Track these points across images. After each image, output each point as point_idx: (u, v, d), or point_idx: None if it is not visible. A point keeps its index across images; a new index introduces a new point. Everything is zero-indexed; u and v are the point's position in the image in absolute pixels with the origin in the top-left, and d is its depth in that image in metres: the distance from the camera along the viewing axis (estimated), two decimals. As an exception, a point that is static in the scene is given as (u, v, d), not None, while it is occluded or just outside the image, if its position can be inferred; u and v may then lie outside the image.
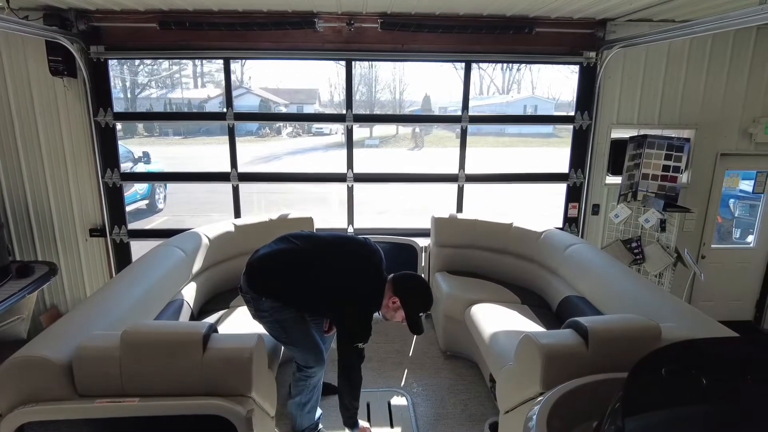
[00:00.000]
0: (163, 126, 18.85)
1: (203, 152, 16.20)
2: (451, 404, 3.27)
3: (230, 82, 4.63)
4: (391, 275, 2.66)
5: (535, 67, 26.07)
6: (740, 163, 5.07)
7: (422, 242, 4.53)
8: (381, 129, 20.36)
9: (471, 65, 4.68)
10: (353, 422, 2.71)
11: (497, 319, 3.26)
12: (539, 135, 21.39)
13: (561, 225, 5.04)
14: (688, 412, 1.28)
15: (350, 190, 4.82)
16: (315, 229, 4.19)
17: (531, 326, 3.23)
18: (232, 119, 4.60)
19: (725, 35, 4.59)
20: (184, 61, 19.58)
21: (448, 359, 3.83)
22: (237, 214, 4.78)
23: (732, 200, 7.24)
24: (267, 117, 17.32)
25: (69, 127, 4.39)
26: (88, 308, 2.45)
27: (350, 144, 4.78)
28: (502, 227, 4.16)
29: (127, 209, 4.92)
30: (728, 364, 1.42)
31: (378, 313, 2.68)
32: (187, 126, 18.46)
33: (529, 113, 22.82)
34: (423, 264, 4.51)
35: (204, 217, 9.33)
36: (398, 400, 3.30)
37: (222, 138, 4.70)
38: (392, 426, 3.04)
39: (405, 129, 20.56)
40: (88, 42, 4.20)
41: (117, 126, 4.57)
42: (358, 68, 20.26)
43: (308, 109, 21.46)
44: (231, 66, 4.57)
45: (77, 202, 4.58)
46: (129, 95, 18.35)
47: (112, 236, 4.68)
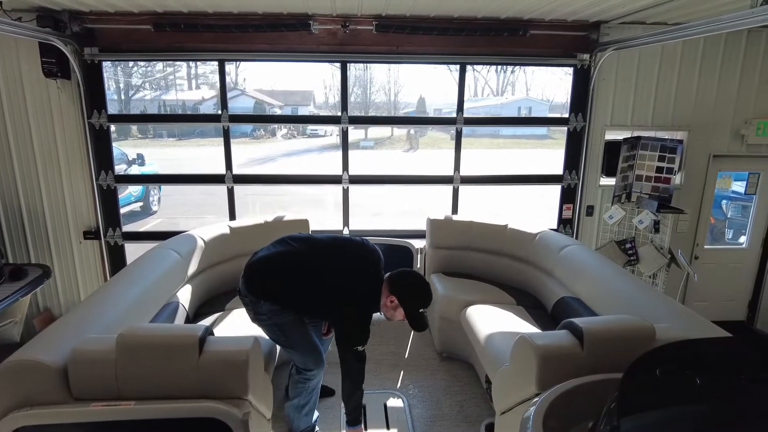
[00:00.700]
0: (158, 128, 18.76)
1: (197, 154, 16.14)
2: (447, 405, 3.28)
3: (225, 84, 4.62)
4: (387, 274, 2.65)
5: (530, 69, 26.18)
6: (732, 165, 5.11)
7: (418, 244, 4.53)
8: (376, 131, 20.38)
9: (466, 67, 4.70)
10: (358, 421, 2.70)
11: (493, 321, 3.27)
12: (534, 137, 21.48)
13: (555, 226, 5.06)
14: (683, 412, 1.29)
15: (346, 192, 4.82)
16: (311, 231, 4.19)
17: (526, 327, 3.24)
18: (227, 121, 4.59)
19: (717, 38, 4.63)
20: (179, 63, 19.52)
21: (444, 361, 3.83)
22: (232, 216, 4.77)
23: (724, 201, 7.30)
24: (262, 119, 17.27)
25: (63, 129, 4.37)
26: (83, 311, 2.44)
27: (345, 146, 4.78)
28: (498, 229, 4.17)
29: (121, 211, 4.89)
30: (722, 364, 1.44)
31: (380, 313, 2.67)
32: (182, 128, 18.41)
33: (524, 115, 22.89)
34: (419, 265, 4.52)
35: (198, 219, 9.29)
36: (394, 402, 3.30)
37: (216, 140, 4.70)
38: (389, 428, 3.05)
39: (400, 131, 20.60)
40: (82, 44, 4.19)
41: (111, 128, 4.55)
42: (353, 70, 20.25)
43: (303, 111, 21.46)
44: (226, 68, 4.56)
45: (71, 205, 4.56)
46: (123, 97, 18.26)
47: (107, 239, 4.66)
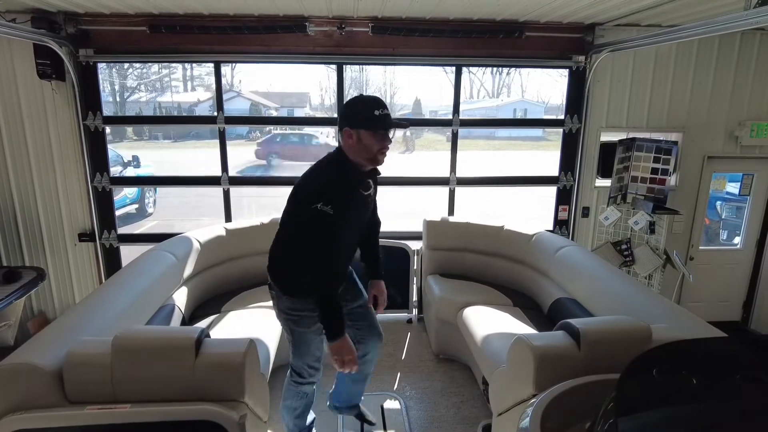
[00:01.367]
0: (153, 130, 18.72)
1: (193, 156, 16.11)
2: (444, 407, 3.28)
3: (221, 86, 4.62)
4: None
5: (525, 71, 26.31)
6: (726, 166, 5.14)
7: (414, 245, 4.53)
8: (371, 133, 20.38)
9: (461, 69, 4.71)
10: (332, 335, 2.24)
11: (489, 322, 3.28)
12: (529, 138, 21.54)
13: (551, 228, 5.08)
14: (680, 412, 1.29)
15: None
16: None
17: (523, 328, 3.24)
18: (223, 123, 4.58)
19: (711, 40, 4.66)
20: (174, 65, 19.47)
21: (441, 362, 3.83)
22: (228, 218, 4.76)
23: (719, 202, 7.34)
24: (258, 120, 17.29)
25: (57, 131, 4.35)
26: (78, 314, 2.42)
27: (342, 147, 4.77)
28: (494, 230, 4.18)
29: (117, 213, 4.87)
30: (718, 364, 1.44)
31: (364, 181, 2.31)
32: (177, 130, 18.35)
33: (519, 117, 22.97)
34: (415, 267, 4.52)
35: (194, 222, 9.27)
36: (391, 404, 3.30)
37: (212, 141, 4.70)
38: (386, 429, 3.04)
39: (396, 132, 20.59)
40: (77, 45, 4.17)
41: (106, 130, 4.53)
42: (349, 72, 20.27)
43: (299, 113, 21.44)
44: (221, 69, 4.56)
45: (66, 207, 4.53)
46: (118, 99, 18.20)
47: (102, 241, 4.63)
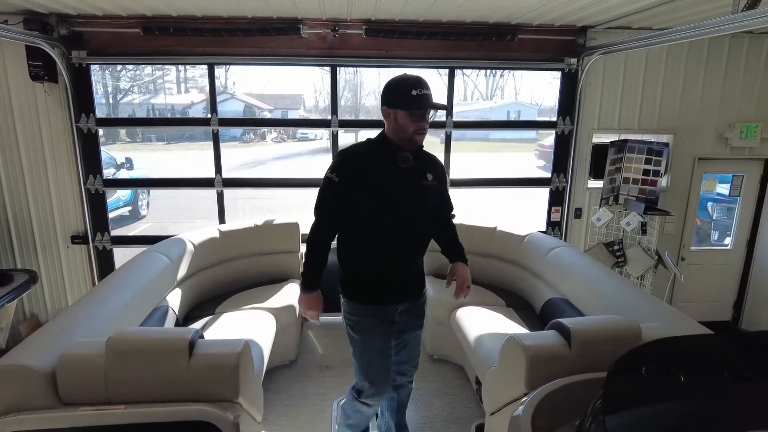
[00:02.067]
0: (146, 132, 18.64)
1: (187, 158, 16.07)
2: (438, 407, 3.29)
3: (214, 88, 4.62)
4: None
5: (518, 73, 26.34)
6: (717, 167, 5.20)
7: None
8: (367, 135, 20.40)
9: (455, 71, 4.73)
10: (302, 287, 2.28)
11: (482, 322, 3.30)
12: (523, 140, 21.60)
13: (544, 229, 5.11)
14: (667, 409, 1.31)
15: (336, 196, 4.83)
16: (301, 235, 4.19)
17: (515, 328, 3.27)
18: (217, 125, 4.58)
19: (700, 43, 4.72)
20: (167, 67, 19.39)
21: (435, 363, 3.85)
22: (222, 220, 4.76)
23: (710, 203, 7.42)
24: (252, 122, 17.18)
25: (50, 133, 4.33)
26: (71, 316, 2.42)
27: (336, 149, 4.79)
28: (486, 231, 4.20)
29: (110, 216, 4.86)
30: (704, 362, 1.47)
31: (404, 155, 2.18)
32: (171, 132, 18.26)
33: (513, 119, 23.06)
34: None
35: (188, 224, 9.23)
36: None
37: (206, 144, 4.68)
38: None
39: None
40: (70, 47, 4.16)
41: (100, 132, 4.52)
42: (343, 74, 20.24)
43: (293, 115, 21.40)
44: (215, 71, 4.56)
45: (58, 209, 4.51)
46: (111, 101, 18.10)
47: (95, 243, 4.62)
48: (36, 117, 4.28)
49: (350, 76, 20.67)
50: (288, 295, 3.72)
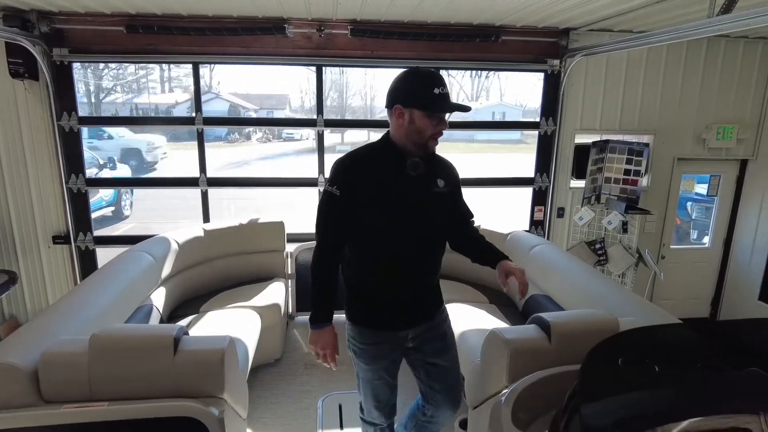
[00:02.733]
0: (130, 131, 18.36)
1: (172, 158, 15.92)
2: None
3: (199, 87, 4.60)
4: None
5: (503, 75, 26.69)
6: (695, 167, 5.32)
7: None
8: (353, 135, 20.40)
9: (440, 72, 4.78)
10: (312, 321, 2.01)
11: (466, 318, 3.33)
12: (508, 141, 21.82)
13: (527, 228, 5.18)
14: (641, 397, 1.36)
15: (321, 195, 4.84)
16: (286, 234, 4.19)
17: (498, 324, 3.31)
18: (201, 123, 4.56)
19: (679, 46, 4.82)
20: (151, 66, 19.20)
21: (420, 360, 3.87)
22: (206, 220, 4.73)
23: (690, 203, 7.58)
24: (236, 121, 17.06)
25: (30, 132, 4.27)
26: (53, 314, 2.40)
27: (321, 149, 4.80)
28: (471, 230, 4.23)
29: (93, 216, 4.80)
30: (676, 350, 1.52)
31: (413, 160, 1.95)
32: (154, 131, 18.04)
33: (498, 120, 23.26)
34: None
35: (172, 224, 9.09)
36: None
37: (190, 143, 4.66)
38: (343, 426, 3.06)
39: (377, 135, 20.67)
40: (51, 44, 4.11)
41: (82, 131, 4.48)
42: (329, 74, 20.28)
43: (279, 115, 21.34)
44: (200, 71, 4.54)
45: (39, 209, 4.45)
46: (93, 100, 17.83)
47: (77, 243, 4.56)
48: (16, 115, 4.22)
49: (336, 77, 20.69)
50: (273, 294, 3.73)
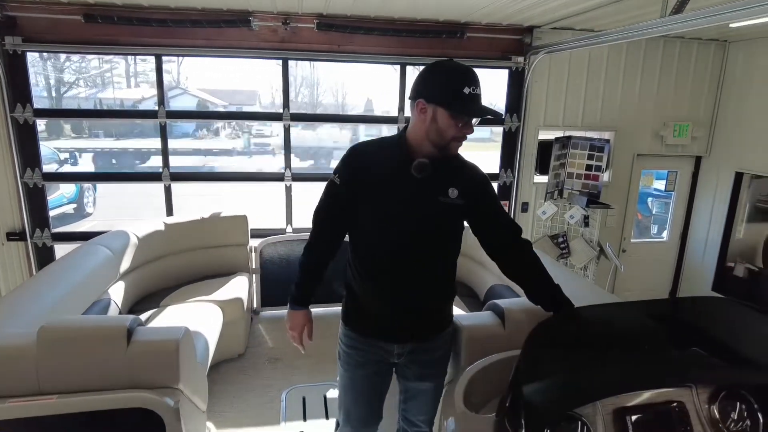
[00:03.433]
0: (93, 126, 17.79)
1: (138, 155, 15.55)
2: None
3: (162, 80, 4.52)
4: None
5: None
6: (653, 163, 5.51)
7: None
8: (324, 132, 20.29)
9: (406, 68, 4.81)
10: (289, 299, 1.96)
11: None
12: (479, 140, 22.05)
13: (493, 222, 5.25)
14: (581, 375, 1.41)
15: (288, 190, 4.82)
16: (250, 229, 4.15)
17: (458, 313, 3.35)
18: (164, 117, 4.48)
19: (637, 45, 4.98)
20: (116, 60, 18.64)
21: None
22: (170, 215, 4.65)
23: (650, 198, 7.83)
24: (202, 115, 16.53)
25: (-19, 123, 4.12)
26: (2, 308, 2.32)
27: (288, 143, 4.78)
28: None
29: (53, 214, 4.66)
30: (612, 328, 1.58)
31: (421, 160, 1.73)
32: (119, 127, 17.51)
33: (469, 118, 23.46)
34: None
35: (136, 222, 8.94)
36: (334, 393, 3.33)
37: (157, 140, 4.55)
38: (328, 418, 3.07)
39: (348, 132, 20.58)
40: (2, 32, 3.96)
41: (38, 123, 4.33)
42: (300, 70, 20.08)
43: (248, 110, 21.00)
44: (164, 64, 4.46)
45: (-8, 204, 4.29)
46: (54, 94, 17.19)
47: (34, 240, 4.42)
48: (-34, 106, 4.06)
49: (307, 74, 20.54)
50: (236, 288, 3.68)
